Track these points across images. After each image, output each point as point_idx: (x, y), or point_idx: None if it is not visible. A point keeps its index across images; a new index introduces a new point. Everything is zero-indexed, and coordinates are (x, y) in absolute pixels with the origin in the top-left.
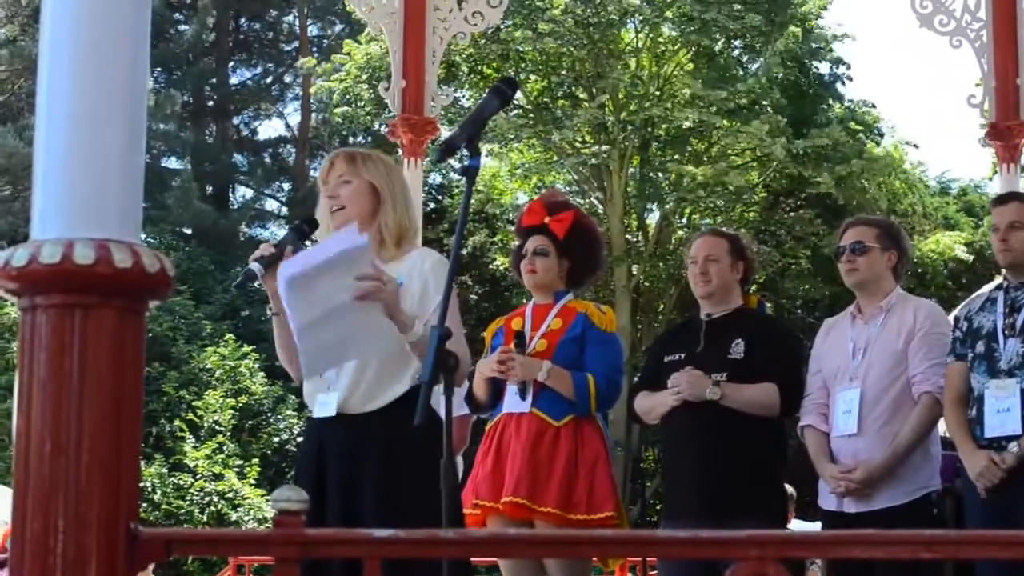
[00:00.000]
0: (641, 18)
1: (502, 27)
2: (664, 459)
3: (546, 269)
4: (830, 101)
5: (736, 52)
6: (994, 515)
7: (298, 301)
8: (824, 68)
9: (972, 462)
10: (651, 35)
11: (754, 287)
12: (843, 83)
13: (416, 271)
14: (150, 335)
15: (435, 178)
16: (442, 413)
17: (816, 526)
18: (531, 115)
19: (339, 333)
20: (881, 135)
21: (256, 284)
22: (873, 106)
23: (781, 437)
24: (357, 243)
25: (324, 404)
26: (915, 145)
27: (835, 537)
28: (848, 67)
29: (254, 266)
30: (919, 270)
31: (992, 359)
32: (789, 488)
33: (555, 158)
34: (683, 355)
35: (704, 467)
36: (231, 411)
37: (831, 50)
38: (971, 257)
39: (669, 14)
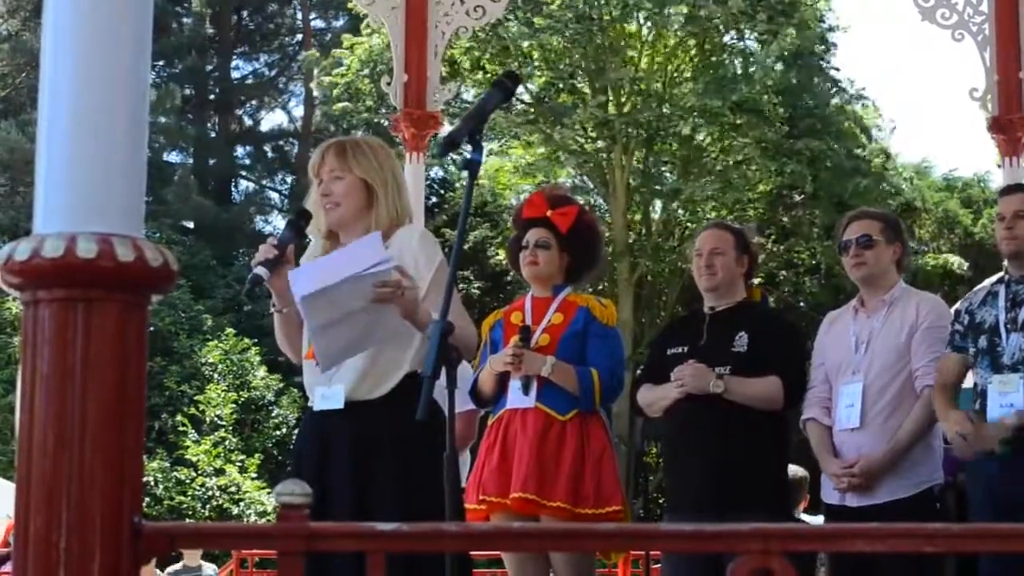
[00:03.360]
0: (644, 13)
1: (503, 22)
2: (667, 452)
3: (548, 261)
4: (830, 93)
5: (740, 45)
6: (997, 509)
7: (316, 310)
8: (819, 54)
9: (949, 423)
10: (654, 29)
11: (756, 281)
12: (837, 69)
13: (405, 248)
14: (152, 330)
15: (437, 172)
16: (445, 407)
17: (820, 519)
18: (532, 109)
19: (356, 331)
20: (879, 128)
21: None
22: (868, 98)
23: (784, 431)
24: (384, 266)
25: (327, 397)
26: (893, 122)
27: (837, 531)
28: (835, 48)
29: (259, 271)
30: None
31: (995, 354)
32: (802, 471)
33: (558, 154)
34: (686, 348)
35: (708, 460)
36: (232, 405)
37: (825, 38)
38: (970, 273)
39: (672, 10)
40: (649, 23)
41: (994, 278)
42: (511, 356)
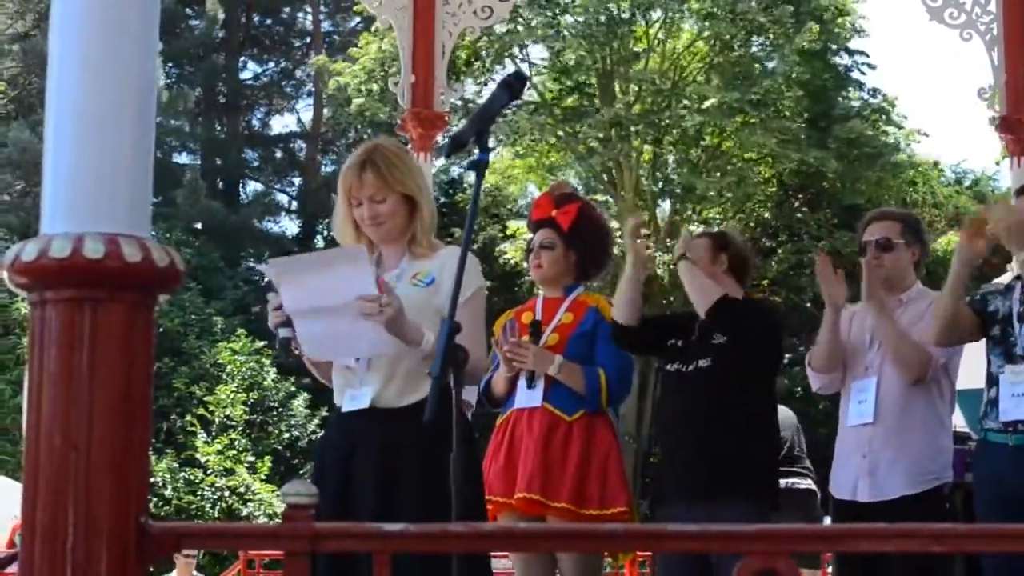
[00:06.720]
0: (658, 15)
1: (519, 25)
2: (661, 444)
3: (552, 262)
4: (849, 91)
5: (755, 49)
6: (1004, 507)
7: (285, 285)
8: (842, 59)
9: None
10: (667, 30)
11: (764, 282)
12: (862, 72)
13: (447, 269)
14: (160, 331)
15: (453, 171)
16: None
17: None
18: (542, 110)
19: (334, 331)
20: (899, 127)
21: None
22: (888, 99)
23: (772, 419)
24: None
25: (355, 398)
26: (925, 134)
27: (843, 531)
28: (867, 56)
29: (284, 332)
30: (929, 268)
31: (1007, 344)
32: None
33: (568, 155)
34: (681, 342)
35: (697, 449)
36: (242, 406)
37: (847, 40)
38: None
39: (690, 6)
40: (663, 23)
41: (1009, 276)
42: (509, 345)
